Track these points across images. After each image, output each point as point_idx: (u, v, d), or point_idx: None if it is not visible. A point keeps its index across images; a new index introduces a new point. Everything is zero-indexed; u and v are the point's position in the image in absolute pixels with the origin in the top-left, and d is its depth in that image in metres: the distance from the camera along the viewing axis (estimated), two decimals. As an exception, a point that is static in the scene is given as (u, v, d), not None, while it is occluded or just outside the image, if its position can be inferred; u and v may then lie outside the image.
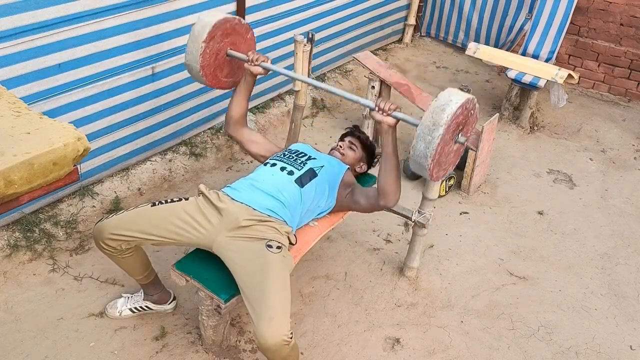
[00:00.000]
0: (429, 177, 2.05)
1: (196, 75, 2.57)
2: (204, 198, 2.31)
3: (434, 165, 1.99)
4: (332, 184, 2.50)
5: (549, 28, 4.28)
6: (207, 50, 2.49)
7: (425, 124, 1.95)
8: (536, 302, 2.90)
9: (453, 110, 1.93)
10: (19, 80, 2.64)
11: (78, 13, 2.74)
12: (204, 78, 2.56)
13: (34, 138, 1.45)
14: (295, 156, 2.53)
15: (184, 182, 3.50)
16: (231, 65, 2.66)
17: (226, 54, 2.60)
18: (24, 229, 2.87)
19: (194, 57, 2.50)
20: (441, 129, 1.92)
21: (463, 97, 1.99)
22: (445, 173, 2.15)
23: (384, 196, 2.29)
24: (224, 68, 2.63)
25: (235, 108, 2.64)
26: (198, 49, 2.47)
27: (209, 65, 2.54)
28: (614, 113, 4.76)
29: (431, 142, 1.94)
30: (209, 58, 2.53)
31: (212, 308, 2.29)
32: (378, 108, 2.17)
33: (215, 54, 2.55)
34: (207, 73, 2.56)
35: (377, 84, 3.81)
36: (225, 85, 2.70)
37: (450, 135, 2.01)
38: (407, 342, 2.62)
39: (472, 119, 2.12)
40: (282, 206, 2.30)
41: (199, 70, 2.52)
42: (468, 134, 2.13)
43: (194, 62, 2.51)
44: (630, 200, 3.74)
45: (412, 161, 2.03)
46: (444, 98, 1.98)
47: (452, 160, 2.16)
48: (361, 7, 4.78)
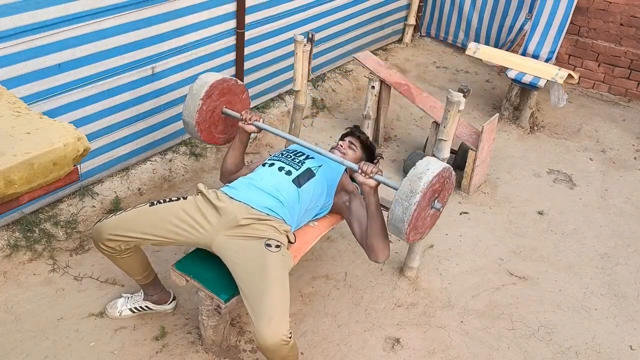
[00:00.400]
0: (406, 240, 2.13)
1: (192, 130, 2.67)
2: (202, 197, 2.31)
3: (410, 229, 2.08)
4: (330, 184, 2.50)
5: (549, 28, 4.28)
6: (203, 107, 2.61)
7: (403, 191, 2.05)
8: (536, 302, 2.90)
9: (429, 179, 2.04)
10: (19, 80, 2.64)
11: (78, 13, 2.74)
12: (199, 133, 2.66)
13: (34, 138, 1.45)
14: (293, 156, 2.54)
15: (184, 182, 3.50)
16: (225, 123, 2.78)
17: (222, 112, 2.72)
18: (24, 229, 2.87)
19: (191, 113, 2.61)
20: (418, 196, 2.02)
21: (440, 166, 2.10)
22: (420, 237, 2.24)
23: (373, 254, 2.33)
24: (219, 125, 2.75)
25: (231, 163, 2.70)
26: (195, 105, 2.59)
27: (204, 122, 2.66)
28: (614, 113, 4.76)
29: (408, 208, 2.03)
30: (205, 115, 2.64)
31: (212, 308, 2.29)
32: (361, 170, 2.23)
33: (211, 112, 2.67)
34: (202, 129, 2.66)
35: (377, 84, 3.81)
36: (219, 141, 2.81)
37: (427, 202, 2.10)
38: (407, 342, 2.62)
39: (448, 185, 2.22)
40: (280, 205, 2.30)
41: (194, 126, 2.63)
42: (444, 199, 2.23)
43: (191, 118, 2.62)
44: (630, 200, 3.74)
45: (390, 224, 2.13)
46: (422, 167, 2.09)
47: (429, 224, 2.25)
48: (361, 7, 4.78)
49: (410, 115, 4.50)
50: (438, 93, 4.78)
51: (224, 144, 2.87)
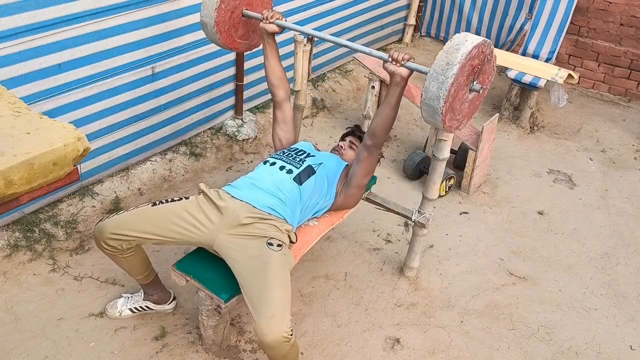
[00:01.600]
0: (441, 124, 1.93)
1: (210, 32, 2.52)
2: (204, 197, 2.31)
3: (446, 109, 1.88)
4: (330, 181, 2.51)
5: (549, 28, 4.28)
6: (222, 5, 2.46)
7: (439, 64, 1.87)
8: (536, 302, 2.90)
9: (468, 49, 1.85)
10: (19, 80, 2.64)
11: (78, 13, 2.74)
12: (217, 35, 2.52)
13: (34, 138, 1.45)
14: (294, 154, 2.54)
15: (184, 182, 3.50)
16: (247, 27, 2.63)
17: (242, 13, 2.58)
18: (24, 229, 2.87)
19: (209, 12, 2.46)
20: (455, 67, 1.83)
21: (479, 39, 1.91)
22: (458, 125, 2.04)
23: (372, 136, 2.33)
24: (239, 28, 2.60)
25: (270, 72, 2.64)
26: (213, 3, 2.44)
27: (223, 22, 2.51)
28: (614, 113, 4.76)
29: (444, 82, 1.84)
30: (224, 14, 2.49)
31: (212, 308, 2.29)
32: (392, 59, 2.15)
33: (231, 12, 2.52)
34: (221, 30, 2.52)
35: (377, 84, 3.81)
36: (240, 47, 2.66)
37: (465, 79, 1.91)
38: (407, 342, 2.62)
39: (489, 67, 2.01)
40: (282, 204, 2.30)
41: (213, 26, 2.48)
42: (485, 83, 2.02)
43: (209, 18, 2.47)
44: (630, 200, 3.74)
45: (424, 105, 1.91)
46: (459, 38, 1.90)
47: (467, 112, 2.04)
48: (361, 7, 4.78)
49: (410, 115, 4.50)
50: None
51: (246, 51, 2.72)
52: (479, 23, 5.23)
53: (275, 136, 2.76)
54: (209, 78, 3.63)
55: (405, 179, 3.74)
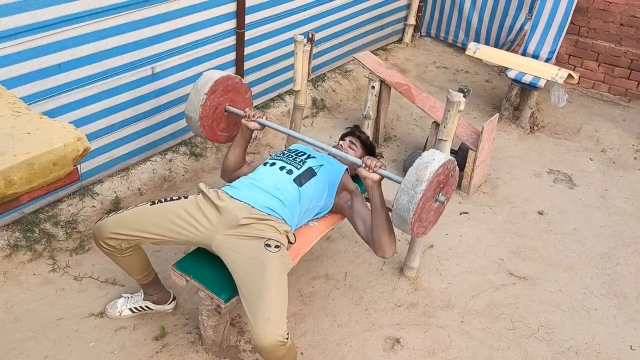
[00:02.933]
0: (410, 231, 2.12)
1: (194, 125, 2.67)
2: (203, 196, 2.31)
3: (415, 219, 2.07)
4: (331, 184, 2.50)
5: (549, 28, 4.28)
6: (207, 102, 2.61)
7: (409, 179, 2.06)
8: (536, 302, 2.90)
9: (435, 168, 2.05)
10: (19, 80, 2.64)
11: (78, 13, 2.74)
12: (201, 129, 2.66)
13: (34, 138, 1.45)
14: (294, 155, 2.54)
15: (184, 182, 3.50)
16: (228, 121, 2.78)
17: (225, 109, 2.72)
18: (24, 229, 2.87)
19: (194, 107, 2.61)
20: (424, 184, 2.02)
21: (445, 157, 2.11)
22: (424, 230, 2.23)
23: (380, 248, 2.32)
24: (221, 122, 2.75)
25: (233, 160, 2.70)
26: (199, 100, 2.59)
27: (207, 117, 2.65)
28: (614, 113, 4.76)
29: (414, 197, 2.03)
30: (208, 110, 2.64)
31: (212, 308, 2.29)
32: (364, 165, 2.22)
33: (215, 108, 2.67)
34: (204, 124, 2.66)
35: (377, 84, 3.81)
36: (221, 139, 2.81)
37: (432, 193, 2.10)
38: (407, 342, 2.62)
39: (452, 180, 2.22)
40: (281, 205, 2.30)
41: (197, 121, 2.63)
42: (448, 194, 2.23)
43: (194, 113, 2.62)
44: (630, 200, 3.74)
45: (395, 214, 2.11)
46: (427, 157, 2.10)
47: (432, 219, 2.24)
48: (361, 7, 4.78)
49: (410, 115, 4.50)
50: (438, 93, 4.78)
51: (226, 142, 2.87)
52: (479, 23, 5.23)
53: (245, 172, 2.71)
54: (209, 78, 3.63)
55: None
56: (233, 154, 2.69)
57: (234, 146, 2.69)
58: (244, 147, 2.71)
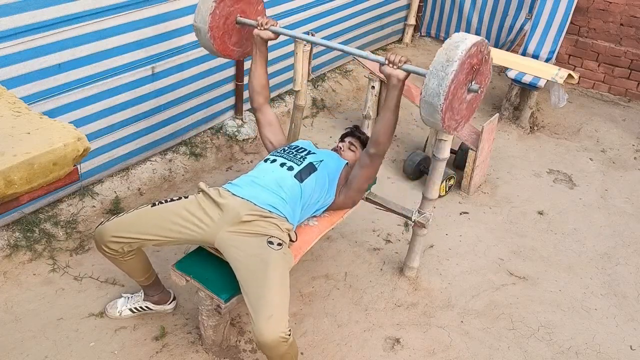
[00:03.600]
0: (441, 122, 1.94)
1: (204, 37, 2.52)
2: (204, 195, 2.31)
3: (446, 107, 1.89)
4: (331, 178, 2.50)
5: (549, 28, 4.28)
6: (216, 11, 2.45)
7: (439, 61, 1.88)
8: (536, 302, 2.90)
9: (467, 47, 1.88)
10: (19, 80, 2.64)
11: (78, 13, 2.74)
12: (211, 40, 2.51)
13: (34, 138, 1.45)
14: (295, 151, 2.54)
15: (184, 182, 3.50)
16: (240, 34, 2.64)
17: (236, 20, 2.58)
18: (24, 229, 2.87)
19: (203, 17, 2.45)
20: (455, 64, 1.85)
21: (478, 38, 1.94)
22: (457, 126, 2.05)
23: (376, 144, 2.32)
24: (233, 35, 2.60)
25: (255, 79, 2.64)
26: (208, 8, 2.43)
27: (217, 28, 2.50)
28: (614, 113, 4.76)
29: (444, 79, 1.86)
30: (218, 20, 2.48)
31: (212, 308, 2.29)
32: (388, 61, 2.16)
33: (225, 18, 2.52)
34: (215, 36, 2.51)
35: (377, 84, 3.81)
36: (233, 54, 2.66)
37: (464, 78, 1.93)
38: (407, 342, 2.62)
39: (486, 68, 2.04)
40: (283, 202, 2.30)
41: (207, 32, 2.47)
42: (482, 83, 2.04)
43: (203, 23, 2.47)
44: (630, 200, 3.74)
45: (423, 103, 1.92)
46: (458, 36, 1.93)
47: (465, 113, 2.06)
48: (361, 7, 4.78)
49: (410, 115, 4.50)
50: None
51: (239, 59, 2.71)
52: (479, 23, 5.23)
53: (265, 140, 2.76)
54: (208, 78, 3.63)
55: (405, 179, 3.74)
56: (254, 72, 2.62)
57: (253, 63, 2.62)
58: (264, 62, 2.61)
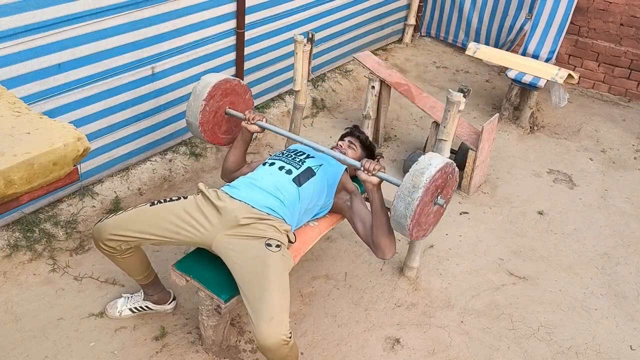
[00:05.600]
0: (409, 236, 2.10)
1: (195, 131, 2.67)
2: (203, 197, 2.31)
3: (413, 225, 2.06)
4: (330, 183, 2.50)
5: (549, 28, 4.28)
6: (207, 108, 2.61)
7: (406, 186, 2.03)
8: (536, 302, 2.90)
9: (432, 174, 2.02)
10: (19, 80, 2.64)
11: (78, 13, 2.74)
12: (202, 134, 2.67)
13: (34, 138, 1.45)
14: (294, 155, 2.54)
15: (184, 182, 3.50)
16: (229, 123, 2.78)
17: (225, 112, 2.72)
18: (24, 229, 2.87)
19: (194, 114, 2.62)
20: (420, 191, 1.99)
21: (442, 162, 2.08)
22: (424, 234, 2.21)
23: (379, 250, 2.32)
24: (222, 125, 2.75)
25: (232, 162, 2.71)
26: (198, 106, 2.59)
27: (207, 122, 2.66)
28: (614, 113, 4.76)
29: (410, 204, 2.01)
30: (208, 115, 2.64)
31: (212, 308, 2.29)
32: (363, 168, 2.23)
33: (215, 112, 2.67)
34: (205, 129, 2.67)
35: (377, 84, 3.81)
36: (222, 141, 2.82)
37: (430, 198, 2.08)
38: (407, 342, 2.62)
39: (452, 182, 2.20)
40: (281, 204, 2.30)
41: (198, 127, 2.63)
42: (447, 196, 2.20)
43: (194, 119, 2.63)
44: (630, 200, 3.74)
45: (393, 220, 2.10)
46: (424, 162, 2.07)
47: (432, 221, 2.22)
48: (361, 7, 4.78)
49: (410, 115, 4.50)
50: (438, 93, 4.78)
51: (228, 145, 2.87)
52: (479, 23, 5.23)
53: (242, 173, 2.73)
54: (209, 78, 3.63)
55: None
56: (233, 155, 2.70)
57: (234, 148, 2.70)
58: (244, 149, 2.71)
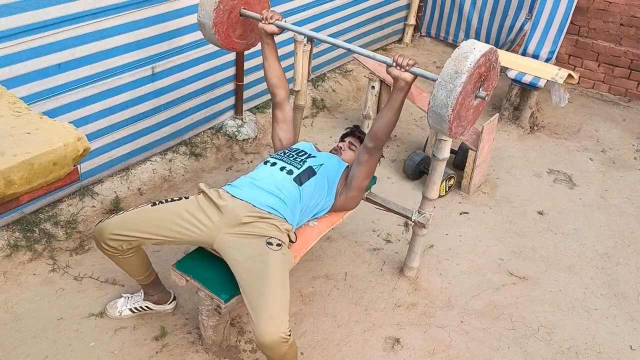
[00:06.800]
0: (448, 130, 1.95)
1: (208, 32, 2.52)
2: (204, 196, 2.31)
3: (454, 116, 1.91)
4: (331, 183, 2.50)
5: (549, 28, 4.28)
6: (220, 5, 2.45)
7: (447, 72, 1.88)
8: (536, 302, 2.90)
9: (476, 58, 1.87)
10: (19, 80, 2.64)
11: (78, 13, 2.74)
12: (216, 36, 2.52)
13: (34, 138, 1.45)
14: (295, 154, 2.54)
15: (184, 182, 3.50)
16: (244, 27, 2.63)
17: (239, 13, 2.57)
18: (24, 229, 2.87)
19: (207, 12, 2.46)
20: (464, 76, 1.85)
21: (486, 47, 1.93)
22: (463, 131, 2.06)
23: (374, 139, 2.33)
24: (237, 28, 2.60)
25: (270, 72, 2.63)
26: (212, 4, 2.44)
27: (221, 23, 2.50)
28: (614, 113, 4.76)
29: (453, 91, 1.86)
30: (222, 15, 2.48)
31: (212, 308, 2.29)
32: (396, 64, 2.14)
33: (229, 12, 2.51)
34: (219, 31, 2.51)
35: (377, 84, 3.81)
36: (238, 46, 2.67)
37: (472, 87, 1.93)
38: (407, 342, 2.62)
39: (494, 73, 2.04)
40: (282, 203, 2.30)
41: (211, 27, 2.48)
42: (489, 89, 2.05)
43: (207, 19, 2.47)
44: (630, 200, 3.74)
45: (431, 112, 1.93)
46: (467, 46, 1.92)
47: (472, 118, 2.07)
48: (361, 7, 4.78)
49: (410, 115, 4.50)
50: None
51: (244, 50, 2.70)
52: (479, 23, 5.23)
53: (275, 136, 2.76)
54: (209, 78, 3.63)
55: (405, 179, 3.74)
56: (267, 68, 2.61)
57: (265, 59, 2.60)
58: (274, 55, 2.60)
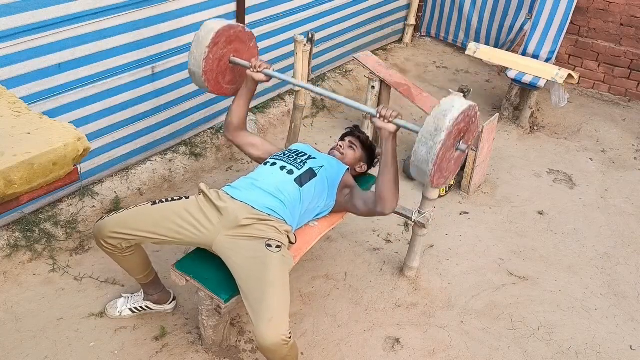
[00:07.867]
0: (430, 183, 2.04)
1: (199, 80, 2.57)
2: (204, 197, 2.31)
3: (435, 170, 1.99)
4: (331, 184, 2.50)
5: (549, 28, 4.28)
6: (210, 55, 2.49)
7: (427, 129, 1.96)
8: (536, 302, 2.90)
9: (455, 116, 1.94)
10: (19, 80, 2.64)
11: (78, 13, 2.74)
12: (206, 84, 2.56)
13: (34, 138, 1.45)
14: (295, 155, 2.53)
15: (184, 182, 3.50)
16: (233, 73, 2.66)
17: (229, 60, 2.61)
18: (24, 229, 2.87)
19: (197, 62, 2.50)
20: (443, 134, 1.92)
21: (465, 104, 2.00)
22: (445, 181, 2.15)
23: (381, 202, 2.29)
24: (227, 75, 2.63)
25: (236, 113, 2.64)
26: (201, 54, 2.47)
27: (211, 71, 2.54)
28: (614, 113, 4.76)
29: (433, 147, 1.94)
30: (212, 64, 2.52)
31: (212, 308, 2.29)
32: (379, 115, 2.17)
33: (219, 60, 2.55)
34: (209, 79, 2.55)
35: (377, 84, 3.81)
36: (227, 92, 2.70)
37: (452, 142, 2.02)
38: (407, 342, 2.62)
39: (474, 126, 2.13)
40: (282, 205, 2.30)
41: (201, 76, 2.52)
42: (469, 142, 2.14)
43: (197, 68, 2.51)
44: (630, 200, 3.74)
45: (413, 166, 2.03)
46: (446, 104, 1.99)
47: (453, 168, 2.16)
48: (361, 7, 4.78)
49: (411, 115, 4.50)
50: (438, 93, 4.78)
51: (232, 95, 2.73)
52: (479, 23, 5.23)
53: (255, 159, 2.72)
54: (209, 78, 3.63)
55: (405, 179, 3.74)
56: (237, 107, 2.62)
57: (238, 98, 2.61)
58: (248, 99, 2.63)
